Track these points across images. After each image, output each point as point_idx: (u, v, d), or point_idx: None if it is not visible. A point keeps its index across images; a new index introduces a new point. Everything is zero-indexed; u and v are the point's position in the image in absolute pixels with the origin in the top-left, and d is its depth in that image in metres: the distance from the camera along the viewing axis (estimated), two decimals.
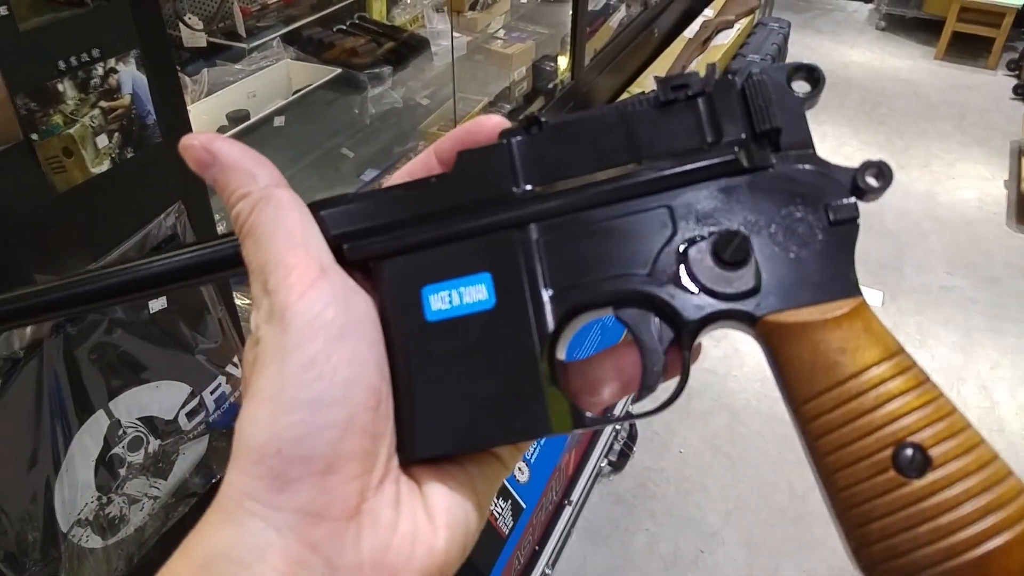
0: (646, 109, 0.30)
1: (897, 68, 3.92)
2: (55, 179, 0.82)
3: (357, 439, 0.26)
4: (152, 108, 0.90)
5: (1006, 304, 2.44)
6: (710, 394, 2.03)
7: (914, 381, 0.26)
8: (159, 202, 0.95)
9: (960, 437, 0.26)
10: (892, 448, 0.25)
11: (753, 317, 0.28)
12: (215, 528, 0.26)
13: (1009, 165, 3.12)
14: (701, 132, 0.30)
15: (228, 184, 0.29)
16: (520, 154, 0.30)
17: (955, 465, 0.25)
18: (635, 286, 0.29)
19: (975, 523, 0.24)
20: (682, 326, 0.29)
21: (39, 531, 0.87)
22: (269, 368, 0.26)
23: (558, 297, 0.29)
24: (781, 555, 1.68)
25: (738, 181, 0.29)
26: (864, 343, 0.27)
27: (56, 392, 0.88)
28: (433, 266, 0.30)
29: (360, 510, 0.26)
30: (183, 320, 1.04)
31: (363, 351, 0.27)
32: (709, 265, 0.28)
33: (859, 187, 0.28)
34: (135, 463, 0.98)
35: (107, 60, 0.82)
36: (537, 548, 1.48)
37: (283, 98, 1.39)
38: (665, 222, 0.29)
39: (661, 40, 2.72)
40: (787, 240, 0.28)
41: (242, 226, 0.28)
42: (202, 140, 0.29)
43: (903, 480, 0.25)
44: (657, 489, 1.84)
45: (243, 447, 0.26)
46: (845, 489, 0.26)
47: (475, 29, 1.83)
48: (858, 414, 0.26)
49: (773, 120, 0.29)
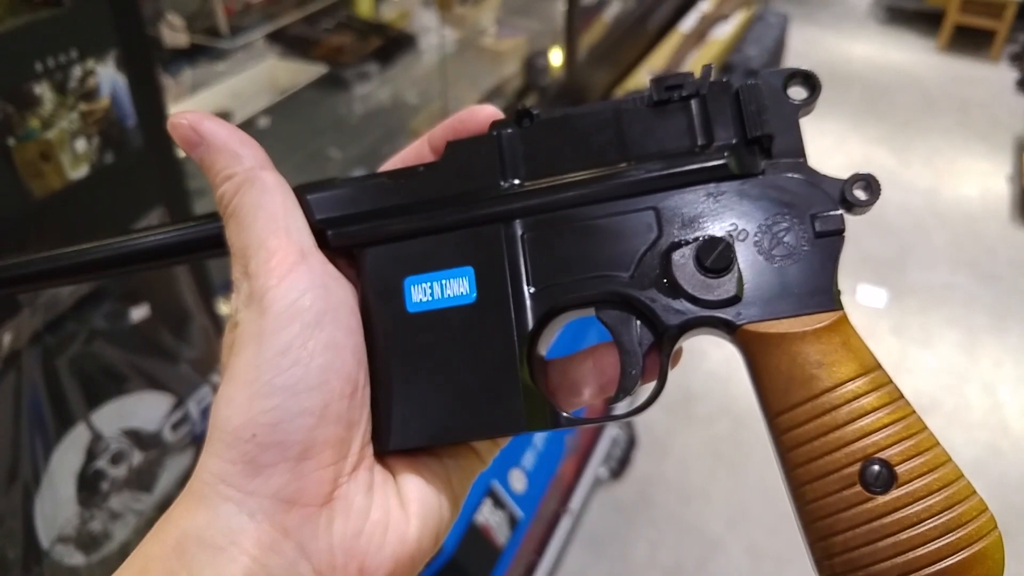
0: (639, 108, 0.30)
1: (898, 62, 3.88)
2: (33, 185, 0.79)
3: (332, 426, 0.26)
4: (132, 111, 0.87)
5: (1010, 302, 2.41)
6: (711, 398, 1.99)
7: (887, 398, 0.27)
8: (140, 207, 0.92)
9: (927, 455, 0.26)
10: (860, 464, 0.26)
11: (733, 325, 0.28)
12: (189, 511, 0.26)
13: (1012, 160, 3.09)
14: (692, 135, 0.29)
15: (214, 164, 0.29)
16: (509, 147, 0.30)
17: (920, 483, 0.25)
18: (617, 288, 0.29)
19: (934, 541, 0.25)
20: (662, 331, 0.28)
21: (19, 548, 0.84)
22: (246, 352, 0.26)
23: (540, 295, 0.29)
24: (785, 562, 1.65)
25: (727, 187, 0.29)
26: (841, 358, 0.27)
27: (35, 405, 0.85)
28: (417, 257, 0.30)
29: (333, 497, 0.26)
30: (166, 329, 1.02)
31: (340, 338, 0.27)
32: (692, 271, 0.28)
33: (847, 199, 0.28)
34: (118, 477, 0.95)
35: (85, 61, 0.79)
36: (535, 558, 1.46)
37: (268, 98, 1.36)
38: (651, 224, 0.29)
39: (656, 34, 2.69)
40: (772, 249, 0.28)
41: (226, 207, 0.28)
42: (191, 119, 0.29)
43: (868, 496, 0.26)
44: (658, 496, 1.81)
45: (218, 431, 0.26)
46: (812, 502, 0.26)
47: (465, 25, 1.80)
48: (830, 428, 0.26)
49: (766, 127, 0.29)
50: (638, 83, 2.39)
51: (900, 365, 2.18)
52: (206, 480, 0.26)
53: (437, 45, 1.65)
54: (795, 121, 0.29)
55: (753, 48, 2.75)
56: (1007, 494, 1.82)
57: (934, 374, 2.16)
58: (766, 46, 2.78)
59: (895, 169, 3.04)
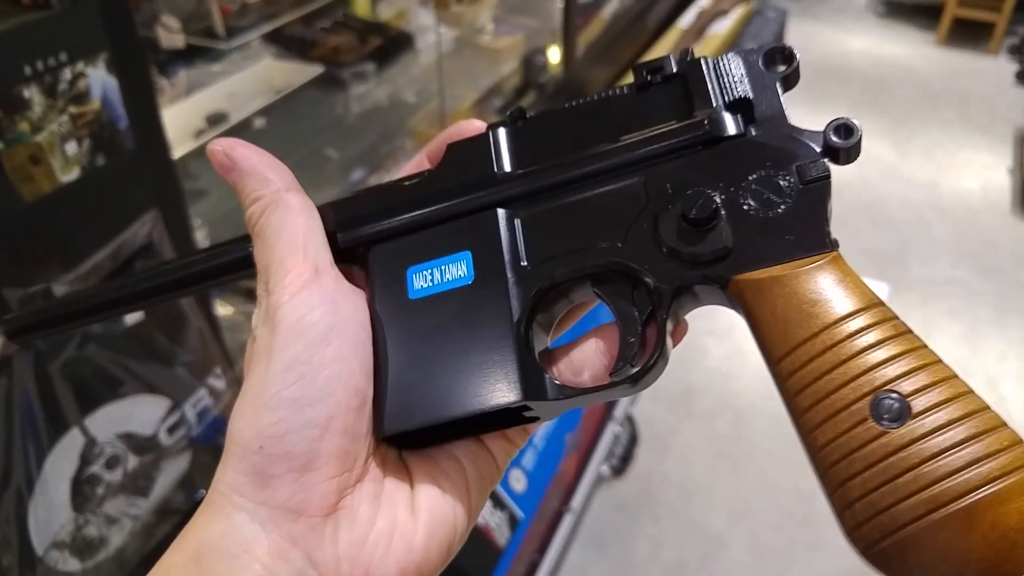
0: (625, 94, 0.31)
1: (897, 55, 3.87)
2: (23, 188, 0.78)
3: (337, 438, 0.27)
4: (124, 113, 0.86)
5: (1012, 295, 2.40)
6: (712, 394, 1.99)
7: (892, 331, 0.25)
8: (133, 210, 0.92)
9: (944, 386, 0.24)
10: (869, 398, 0.24)
11: (725, 279, 0.28)
12: (207, 522, 0.27)
13: (1013, 152, 3.08)
14: (675, 109, 0.30)
15: (245, 187, 0.30)
16: (504, 142, 0.32)
17: (938, 414, 0.24)
18: (609, 257, 0.29)
19: (961, 472, 0.23)
20: (656, 296, 0.29)
21: (14, 555, 0.84)
22: (258, 367, 0.28)
23: (535, 270, 0.30)
24: (788, 558, 1.65)
25: (711, 151, 0.29)
26: (838, 294, 0.26)
27: (27, 410, 0.84)
28: (417, 248, 0.31)
29: (338, 507, 0.27)
30: (161, 331, 1.01)
31: (346, 351, 0.28)
32: (678, 230, 0.28)
33: (829, 146, 0.29)
34: (113, 482, 0.94)
35: (75, 64, 0.78)
36: (537, 557, 1.45)
37: (264, 98, 1.36)
38: (639, 194, 0.30)
39: (655, 31, 2.68)
40: (759, 202, 0.28)
41: (253, 227, 0.30)
42: (224, 145, 0.31)
43: (881, 430, 0.24)
44: (660, 494, 1.80)
45: (232, 443, 0.27)
46: (825, 446, 0.25)
47: (462, 23, 1.79)
48: (833, 365, 0.25)
49: (743, 90, 0.30)
50: None
51: None
52: (221, 491, 0.27)
53: (434, 44, 1.64)
54: (773, 86, 0.30)
55: (752, 43, 2.73)
56: None
57: None
58: (765, 41, 2.76)
59: (895, 163, 3.03)
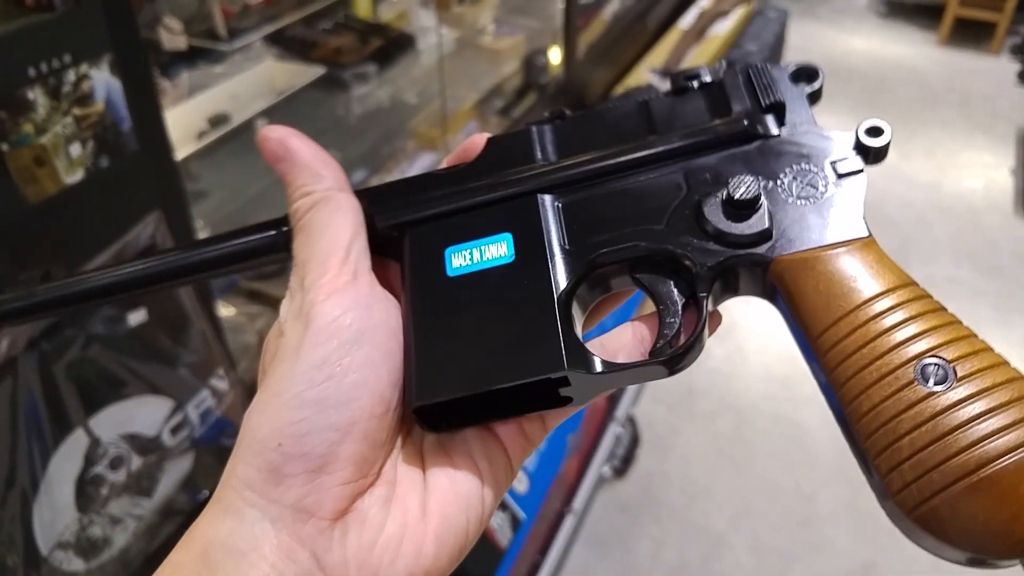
0: (662, 97, 0.33)
1: (899, 55, 3.87)
2: (27, 190, 0.79)
3: (356, 444, 0.27)
4: (127, 114, 0.87)
5: (1013, 294, 2.40)
6: (714, 395, 1.99)
7: (931, 305, 0.27)
8: (136, 211, 0.92)
9: (982, 356, 0.26)
10: (915, 363, 0.25)
11: (767, 259, 0.29)
12: (216, 519, 0.26)
13: (1015, 152, 3.07)
14: (713, 110, 0.32)
15: (295, 179, 0.30)
16: (545, 136, 0.33)
17: (981, 378, 0.25)
18: (650, 240, 0.30)
19: (1010, 429, 0.24)
20: (696, 277, 0.29)
21: (18, 555, 0.84)
22: (284, 363, 0.27)
23: (576, 251, 0.30)
24: (790, 558, 1.65)
25: (748, 148, 0.31)
26: (877, 272, 0.27)
27: (32, 411, 0.85)
28: (456, 229, 0.31)
29: (348, 511, 0.27)
30: (164, 332, 1.01)
31: (376, 357, 0.28)
32: (721, 213, 0.29)
33: (861, 144, 0.30)
34: (117, 482, 0.95)
35: (79, 66, 0.79)
36: (539, 558, 1.45)
37: (266, 100, 1.36)
38: (680, 184, 0.31)
39: (656, 31, 2.69)
40: (798, 193, 0.30)
41: (298, 220, 0.30)
42: (280, 134, 0.30)
43: (929, 391, 0.25)
44: (661, 494, 1.80)
45: (248, 437, 0.27)
46: (869, 412, 0.25)
47: (463, 24, 1.79)
48: (877, 334, 0.26)
49: (778, 95, 0.31)
50: (638, 80, 2.38)
51: None
52: (233, 485, 0.27)
53: (435, 45, 1.64)
54: (803, 98, 0.32)
55: (753, 43, 2.73)
56: None
57: None
58: (766, 41, 2.77)
59: (897, 163, 3.03)
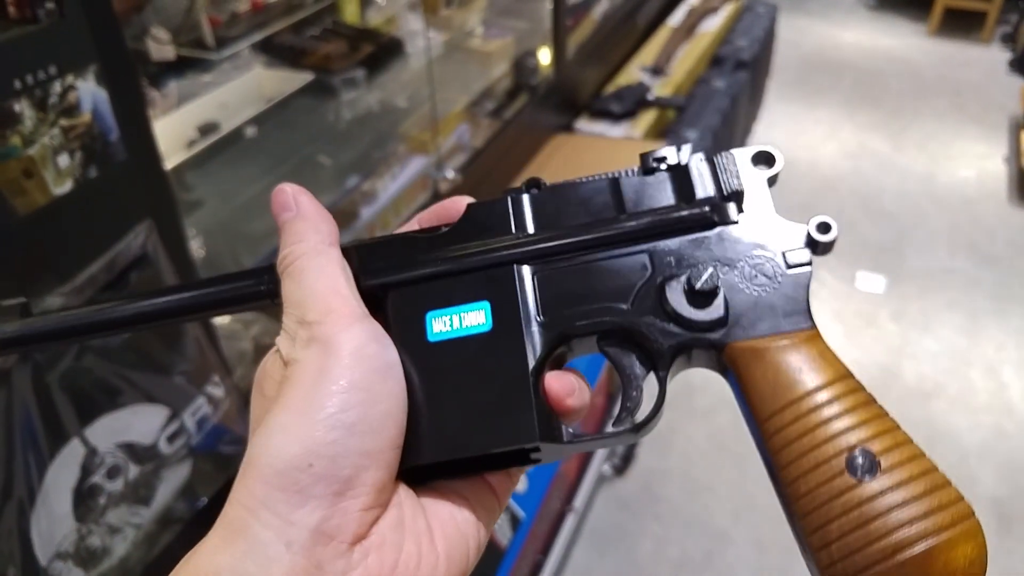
0: (631, 177, 0.35)
1: (889, 47, 3.88)
2: (16, 202, 0.79)
3: (380, 471, 0.27)
4: (115, 124, 0.87)
5: (1009, 284, 2.40)
6: (712, 391, 1.99)
7: (863, 399, 0.30)
8: (127, 221, 0.92)
9: (904, 448, 0.29)
10: (846, 454, 0.28)
11: (721, 344, 0.32)
12: (222, 542, 0.26)
13: (1008, 141, 3.08)
14: (677, 193, 0.34)
15: (294, 230, 0.32)
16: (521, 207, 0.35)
17: (901, 470, 0.28)
18: (617, 316, 0.32)
19: (923, 519, 0.27)
20: (657, 355, 0.32)
21: (17, 566, 0.84)
22: (306, 385, 0.27)
23: (550, 323, 0.33)
24: (792, 553, 1.62)
25: (708, 233, 0.33)
26: (820, 365, 0.30)
27: (27, 422, 0.85)
28: (437, 295, 0.33)
29: (367, 535, 0.27)
30: (159, 341, 1.01)
31: (398, 391, 0.29)
32: (682, 299, 0.32)
33: (811, 238, 0.33)
34: (115, 491, 0.95)
35: (64, 77, 0.79)
36: (541, 558, 1.45)
37: (255, 107, 1.36)
38: (645, 264, 0.33)
39: (646, 30, 2.69)
40: (751, 280, 0.32)
41: (287, 266, 0.31)
42: (294, 191, 0.33)
43: (856, 482, 0.28)
44: (662, 491, 1.80)
45: (268, 456, 0.26)
46: (805, 495, 0.29)
47: (452, 27, 1.80)
48: (816, 425, 0.29)
49: (738, 184, 0.34)
50: (628, 79, 2.39)
51: (902, 351, 2.17)
52: (246, 505, 0.26)
53: (424, 48, 1.64)
54: (763, 182, 0.34)
55: (743, 39, 2.74)
56: (1014, 475, 1.81)
57: (936, 359, 2.15)
58: (756, 36, 2.77)
59: (890, 155, 3.03)
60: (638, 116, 2.23)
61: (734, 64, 2.60)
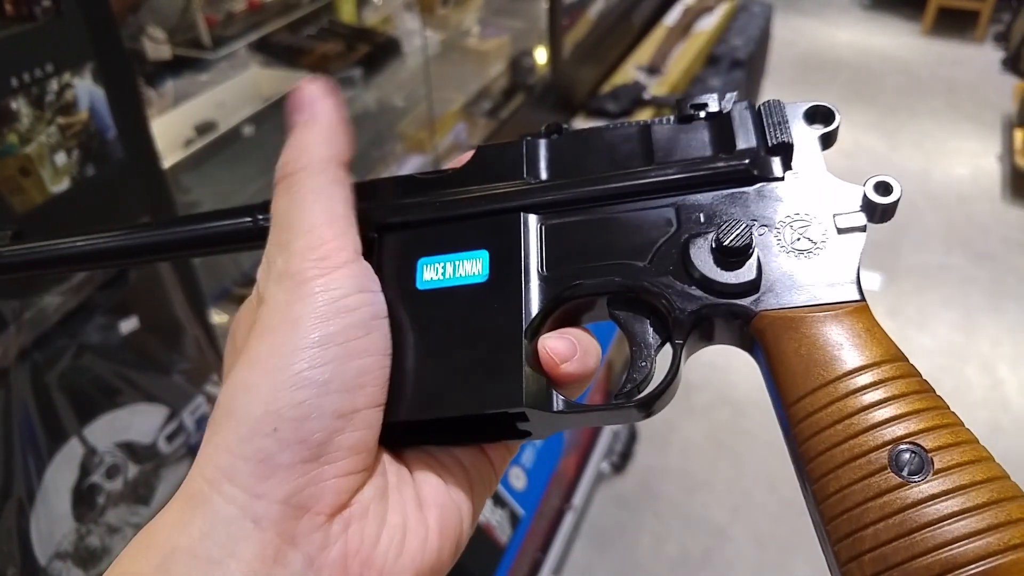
0: (664, 125, 0.31)
1: (884, 46, 3.89)
2: (14, 200, 0.79)
3: (358, 433, 0.24)
4: (112, 122, 0.87)
5: (1004, 280, 2.41)
6: (710, 388, 1.99)
7: (917, 386, 0.25)
8: (124, 218, 0.92)
9: (966, 448, 0.23)
10: (889, 448, 0.23)
11: (750, 313, 0.27)
12: (180, 519, 0.23)
13: (1002, 139, 3.09)
14: (716, 144, 0.30)
15: (302, 138, 0.28)
16: (538, 151, 0.32)
17: (960, 474, 0.23)
18: (630, 276, 0.28)
19: (981, 536, 0.22)
20: (675, 323, 0.28)
21: (16, 566, 0.84)
22: (275, 336, 0.24)
23: (552, 279, 0.29)
24: (791, 549, 1.65)
25: (748, 189, 0.29)
26: (865, 342, 0.25)
27: (26, 421, 0.85)
28: (432, 240, 0.30)
29: (348, 504, 0.24)
30: (157, 340, 1.01)
31: (380, 345, 0.26)
32: (708, 258, 0.27)
33: (869, 201, 0.28)
34: (114, 491, 0.94)
35: (61, 75, 0.79)
36: (540, 556, 1.45)
37: (252, 106, 1.36)
38: (670, 219, 0.29)
39: (641, 29, 2.70)
40: (792, 243, 0.28)
41: (283, 177, 0.27)
42: (313, 92, 0.29)
43: (901, 481, 0.23)
44: (661, 488, 1.80)
45: (231, 419, 0.23)
46: (835, 493, 0.24)
47: (448, 26, 1.80)
48: (854, 411, 0.24)
49: (786, 136, 0.29)
50: (625, 78, 2.39)
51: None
52: (208, 478, 0.23)
53: (421, 48, 1.65)
54: (815, 140, 0.30)
55: (738, 38, 2.75)
56: (1011, 472, 1.82)
57: (932, 355, 2.15)
58: (751, 36, 2.78)
59: (885, 153, 3.04)
60: (634, 115, 2.24)
61: (729, 63, 2.61)
